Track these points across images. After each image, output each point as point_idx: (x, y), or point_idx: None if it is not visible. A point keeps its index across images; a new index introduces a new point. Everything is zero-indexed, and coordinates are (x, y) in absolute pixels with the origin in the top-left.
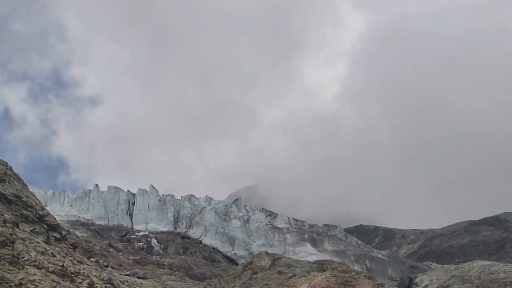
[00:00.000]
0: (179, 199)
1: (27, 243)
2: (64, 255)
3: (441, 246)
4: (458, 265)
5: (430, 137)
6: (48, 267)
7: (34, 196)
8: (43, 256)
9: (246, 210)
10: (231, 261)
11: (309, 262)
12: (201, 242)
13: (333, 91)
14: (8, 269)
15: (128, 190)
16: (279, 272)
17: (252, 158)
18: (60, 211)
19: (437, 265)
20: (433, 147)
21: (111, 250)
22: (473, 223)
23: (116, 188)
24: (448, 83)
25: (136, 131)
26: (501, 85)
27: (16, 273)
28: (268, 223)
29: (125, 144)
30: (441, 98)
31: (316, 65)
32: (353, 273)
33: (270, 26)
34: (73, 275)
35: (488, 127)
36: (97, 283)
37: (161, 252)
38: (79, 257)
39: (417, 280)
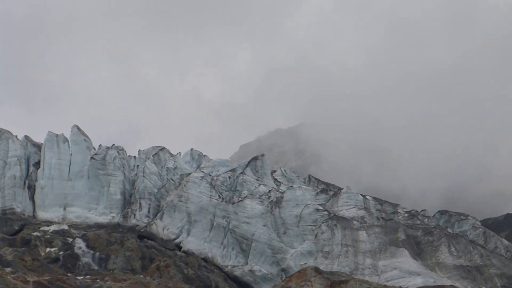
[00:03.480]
0: (134, 157)
1: None
2: None
3: None
4: None
5: None
6: None
7: None
8: None
9: (275, 179)
10: (243, 286)
11: None
12: (179, 247)
13: None
14: None
15: (26, 137)
16: None
17: (288, 72)
18: None
19: None
20: None
21: None
22: None
23: (1, 131)
24: None
25: (45, 20)
26: None
27: None
28: (320, 207)
29: (22, 42)
30: None
31: None
32: None
33: None
34: None
35: None
36: None
37: (96, 267)
38: None
39: None
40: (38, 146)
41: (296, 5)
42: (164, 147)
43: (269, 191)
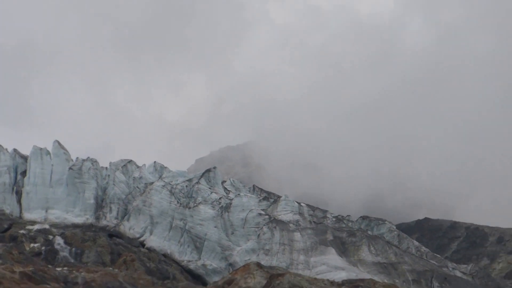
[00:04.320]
0: (106, 168)
1: None
2: None
3: None
4: None
5: None
6: None
7: None
8: None
9: (225, 188)
10: (196, 277)
11: (333, 283)
12: (143, 245)
13: None
14: None
15: (14, 150)
16: None
17: (237, 99)
18: None
19: None
20: None
21: None
22: None
23: None
24: None
25: (30, 49)
26: None
27: None
28: (263, 212)
29: (9, 69)
30: None
31: None
32: None
33: None
34: None
35: None
36: None
37: (72, 260)
38: None
39: None
40: (24, 158)
41: (243, 41)
42: (131, 160)
43: (220, 198)
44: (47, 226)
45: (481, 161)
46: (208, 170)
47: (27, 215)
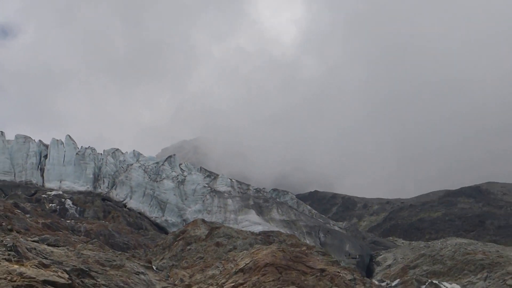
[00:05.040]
0: (100, 154)
1: None
2: None
3: (410, 220)
4: (429, 243)
5: (405, 87)
6: None
7: None
8: None
9: (181, 169)
10: (161, 229)
11: (253, 233)
12: (125, 206)
13: (292, 32)
14: None
15: (39, 141)
16: (217, 244)
17: (191, 108)
18: None
19: (403, 241)
20: (409, 99)
21: (17, 211)
22: (449, 194)
23: (26, 137)
24: (433, 19)
25: (51, 73)
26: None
27: None
28: (206, 185)
29: (37, 87)
30: (422, 38)
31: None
32: (304, 248)
33: None
34: None
35: (480, 76)
36: None
37: (77, 215)
38: None
39: (379, 258)
40: (46, 146)
41: (195, 70)
42: (118, 148)
43: (178, 175)
44: (60, 192)
45: (352, 152)
46: (170, 156)
47: (47, 185)
